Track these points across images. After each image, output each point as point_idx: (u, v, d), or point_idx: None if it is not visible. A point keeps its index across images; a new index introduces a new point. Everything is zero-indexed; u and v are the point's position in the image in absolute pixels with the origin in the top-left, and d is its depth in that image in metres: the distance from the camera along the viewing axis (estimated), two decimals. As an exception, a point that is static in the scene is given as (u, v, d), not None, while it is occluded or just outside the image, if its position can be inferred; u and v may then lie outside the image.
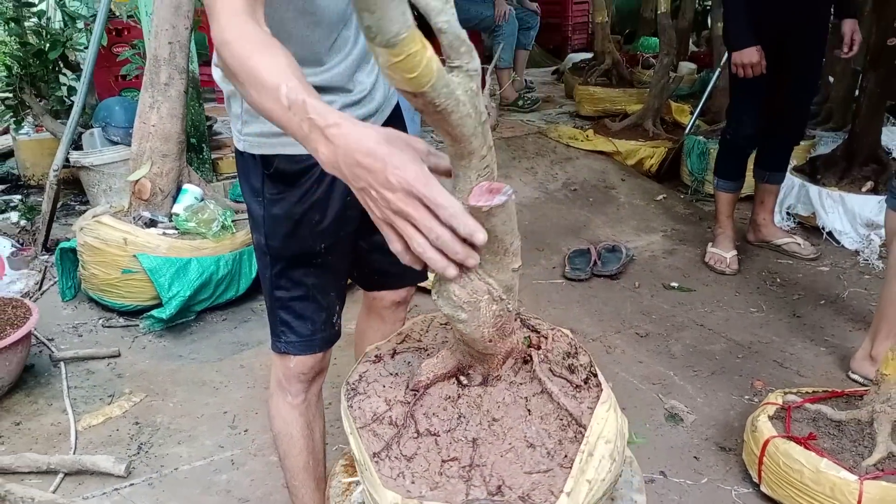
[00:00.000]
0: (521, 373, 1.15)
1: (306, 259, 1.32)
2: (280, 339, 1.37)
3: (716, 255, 3.08)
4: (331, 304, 1.37)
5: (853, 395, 1.86)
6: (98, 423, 2.12)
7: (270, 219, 1.29)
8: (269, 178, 1.27)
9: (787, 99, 2.90)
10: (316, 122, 0.82)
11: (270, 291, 1.36)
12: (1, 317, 2.22)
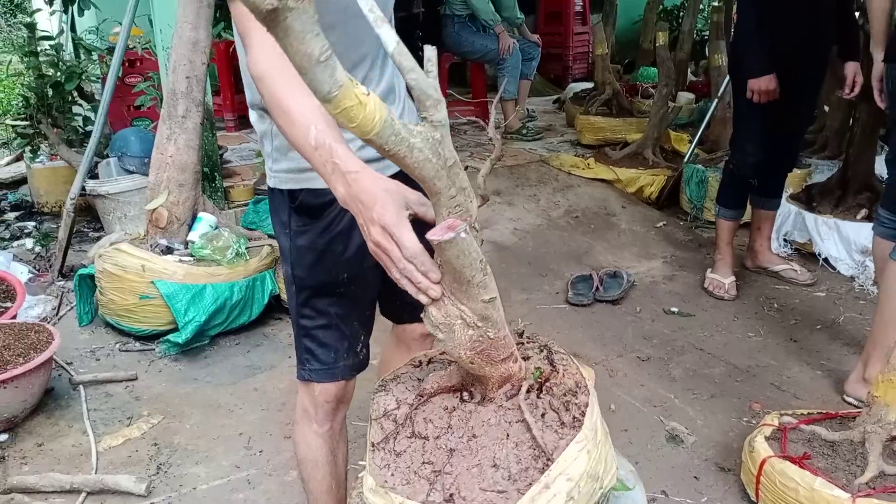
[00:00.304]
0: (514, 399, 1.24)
1: (330, 289, 1.38)
2: (304, 366, 1.44)
3: (715, 281, 3.17)
4: (354, 332, 1.44)
5: (846, 416, 1.93)
6: (118, 444, 2.19)
7: (296, 250, 1.37)
8: (295, 211, 1.36)
9: (784, 129, 3.00)
10: (339, 166, 1.02)
11: (297, 320, 1.43)
12: (24, 341, 2.30)
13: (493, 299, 1.05)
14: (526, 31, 5.41)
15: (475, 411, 1.21)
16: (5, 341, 2.28)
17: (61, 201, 4.35)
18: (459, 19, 5.02)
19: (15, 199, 4.69)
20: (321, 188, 1.26)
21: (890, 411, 1.73)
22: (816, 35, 2.88)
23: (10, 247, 3.82)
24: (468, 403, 1.24)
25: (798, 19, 2.82)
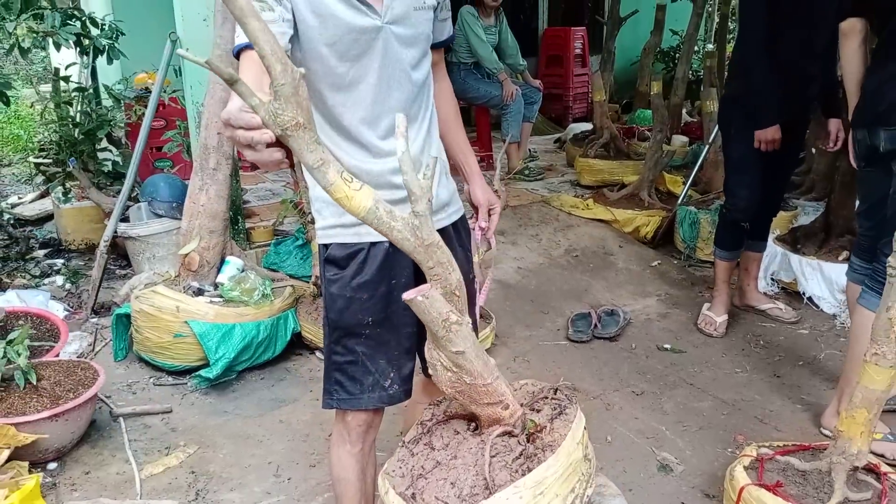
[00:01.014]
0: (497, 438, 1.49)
1: (357, 330, 1.60)
2: (332, 396, 1.65)
3: (708, 318, 3.40)
4: (380, 370, 1.63)
5: (818, 448, 2.15)
6: (159, 472, 2.41)
7: (329, 296, 1.61)
8: (326, 262, 1.62)
9: (771, 176, 3.24)
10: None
11: (329, 355, 1.65)
12: (72, 378, 2.53)
13: (459, 353, 1.32)
14: (528, 77, 5.70)
15: (466, 439, 1.50)
16: (56, 378, 2.50)
17: (88, 239, 4.61)
18: (465, 66, 5.31)
19: (43, 237, 4.94)
20: (348, 242, 1.59)
21: (852, 444, 1.94)
22: (804, 85, 3.10)
23: (41, 284, 4.05)
24: (468, 432, 1.52)
25: (793, 67, 3.04)
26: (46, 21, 3.52)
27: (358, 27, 1.45)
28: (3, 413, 2.31)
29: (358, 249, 1.59)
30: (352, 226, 1.57)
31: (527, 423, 1.46)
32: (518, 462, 1.40)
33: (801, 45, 2.99)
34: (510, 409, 1.45)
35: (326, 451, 2.48)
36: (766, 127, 3.03)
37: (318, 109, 1.53)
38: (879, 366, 1.90)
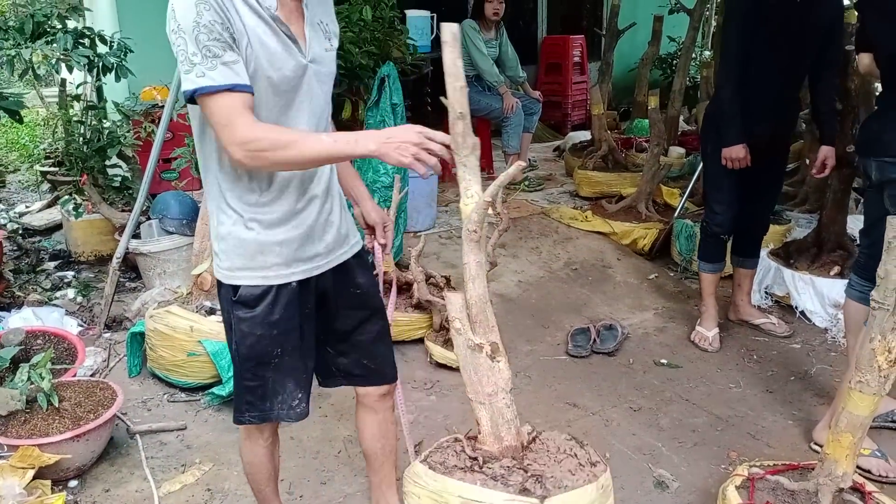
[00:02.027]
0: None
1: (266, 360, 1.75)
2: (244, 414, 1.82)
3: (700, 334, 3.51)
4: (287, 391, 1.80)
5: (806, 467, 2.25)
6: (176, 490, 2.51)
7: (239, 332, 1.73)
8: (236, 303, 1.72)
9: (755, 195, 3.39)
10: (359, 134, 1.52)
11: (239, 380, 1.79)
12: (92, 398, 2.63)
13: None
14: (528, 88, 5.80)
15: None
16: (76, 399, 2.60)
17: (97, 251, 4.70)
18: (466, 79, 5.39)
19: (52, 247, 5.03)
20: (255, 284, 1.72)
21: (838, 467, 2.05)
22: (782, 108, 3.23)
23: (53, 297, 4.14)
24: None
25: (768, 90, 3.16)
26: (59, 44, 3.61)
27: (291, 65, 1.60)
28: (27, 435, 2.41)
29: (266, 290, 1.72)
30: (259, 269, 1.71)
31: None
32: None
33: (779, 69, 3.11)
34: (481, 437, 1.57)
35: (337, 468, 2.60)
36: (731, 145, 3.16)
37: None
38: (863, 393, 2.00)
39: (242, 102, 1.49)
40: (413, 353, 3.43)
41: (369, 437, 2.09)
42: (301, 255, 1.75)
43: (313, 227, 1.77)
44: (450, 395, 3.10)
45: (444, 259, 4.33)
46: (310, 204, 1.75)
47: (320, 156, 1.52)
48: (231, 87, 1.47)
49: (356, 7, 4.05)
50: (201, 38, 1.44)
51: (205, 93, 1.47)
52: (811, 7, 3.05)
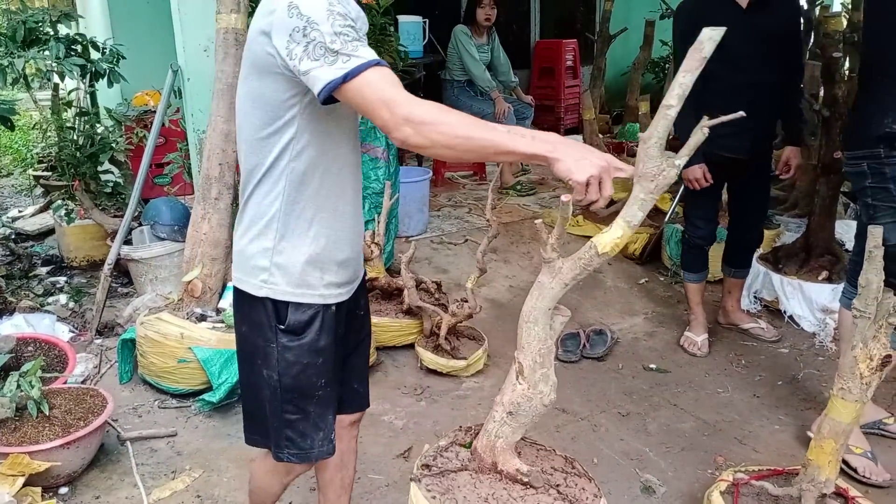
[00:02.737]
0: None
1: (311, 392, 1.65)
2: (283, 450, 1.69)
3: (689, 339, 3.53)
4: (328, 425, 1.71)
5: (791, 473, 2.28)
6: (166, 497, 2.52)
7: (284, 362, 1.61)
8: (283, 331, 1.60)
9: (745, 211, 3.44)
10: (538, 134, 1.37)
11: (280, 414, 1.65)
12: (83, 406, 2.64)
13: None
14: (520, 93, 5.83)
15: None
16: (67, 406, 2.61)
17: (90, 256, 4.71)
18: (458, 84, 5.43)
19: (44, 252, 5.04)
20: (307, 303, 1.61)
21: (821, 472, 2.07)
22: (759, 116, 3.07)
23: (45, 303, 4.15)
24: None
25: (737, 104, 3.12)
26: (51, 51, 3.62)
27: None
28: (17, 442, 2.42)
29: (315, 314, 1.62)
30: (317, 288, 1.61)
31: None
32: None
33: (744, 82, 3.04)
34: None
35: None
36: (688, 167, 3.16)
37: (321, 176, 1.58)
38: (845, 400, 2.03)
39: (391, 78, 1.36)
40: (403, 358, 3.44)
41: (331, 467, 1.97)
42: (351, 271, 1.70)
43: (359, 242, 1.73)
44: (440, 400, 3.11)
45: (436, 264, 4.34)
46: (357, 214, 1.70)
47: (499, 148, 1.35)
48: (377, 61, 1.36)
49: (347, 13, 4.06)
50: (337, 24, 1.35)
51: (355, 75, 1.33)
52: (760, 15, 3.03)
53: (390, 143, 3.83)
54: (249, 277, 1.61)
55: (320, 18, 1.35)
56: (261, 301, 1.60)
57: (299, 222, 1.57)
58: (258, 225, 1.58)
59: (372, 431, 2.88)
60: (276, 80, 1.46)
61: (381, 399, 3.11)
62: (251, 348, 1.65)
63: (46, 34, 3.83)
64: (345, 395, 1.85)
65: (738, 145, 3.18)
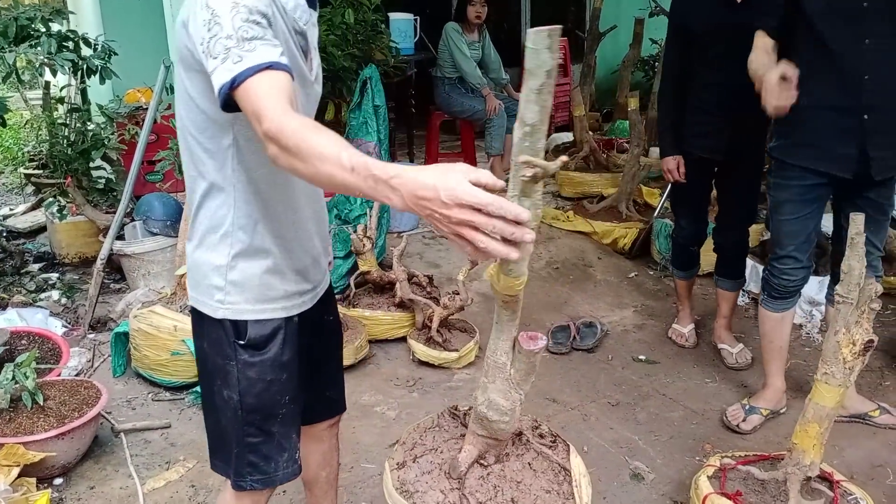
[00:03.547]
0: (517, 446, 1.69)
1: (275, 411, 1.55)
2: (245, 478, 1.57)
3: (676, 331, 3.58)
4: (292, 445, 1.61)
5: (776, 458, 2.32)
6: (160, 487, 2.54)
7: (245, 380, 1.50)
8: (243, 347, 1.49)
9: (726, 212, 3.33)
10: (380, 176, 1.05)
11: (241, 438, 1.54)
12: (77, 397, 2.66)
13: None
14: (510, 90, 5.87)
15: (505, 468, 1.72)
16: (61, 398, 2.63)
17: (82, 253, 4.71)
18: (449, 81, 5.46)
19: (36, 250, 5.04)
20: (268, 318, 1.50)
21: (805, 456, 2.11)
22: (740, 115, 2.96)
23: (37, 299, 4.15)
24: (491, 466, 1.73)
25: (717, 101, 3.03)
26: (42, 47, 3.64)
27: (303, 85, 1.45)
28: (12, 433, 2.44)
29: (277, 327, 1.52)
30: (275, 300, 1.51)
31: None
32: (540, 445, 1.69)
33: (727, 78, 2.92)
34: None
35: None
36: (665, 157, 3.23)
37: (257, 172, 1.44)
38: (829, 384, 2.07)
39: (281, 82, 1.20)
40: (396, 351, 3.47)
41: (314, 466, 1.91)
42: (311, 279, 1.60)
43: (325, 248, 1.64)
44: (432, 392, 3.14)
45: (427, 259, 4.37)
46: (317, 218, 1.60)
47: (335, 184, 1.14)
48: (269, 64, 1.20)
49: (339, 10, 4.09)
50: (239, 18, 1.21)
51: (243, 80, 1.18)
52: (752, 7, 2.82)
53: (382, 138, 3.87)
54: (206, 298, 1.50)
55: (223, 11, 1.22)
56: (219, 321, 1.49)
57: (252, 234, 1.47)
58: (209, 240, 1.47)
59: (365, 422, 2.91)
60: (201, 78, 1.32)
61: (373, 390, 3.14)
62: (211, 367, 1.54)
63: (38, 31, 3.85)
64: (318, 405, 1.80)
65: (713, 145, 3.10)
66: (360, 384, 3.20)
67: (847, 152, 2.47)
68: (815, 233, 2.74)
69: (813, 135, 2.53)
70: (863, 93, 2.41)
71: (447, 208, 0.99)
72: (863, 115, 2.42)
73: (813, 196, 2.62)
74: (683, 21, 3.10)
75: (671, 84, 3.22)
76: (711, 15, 2.99)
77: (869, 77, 2.39)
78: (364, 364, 3.35)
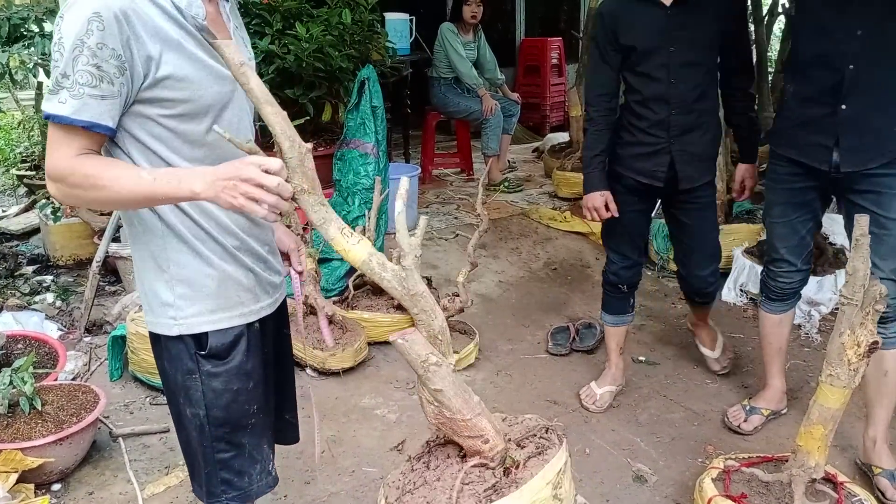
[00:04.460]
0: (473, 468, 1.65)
1: (244, 422, 1.53)
2: (220, 498, 1.54)
3: (588, 390, 3.06)
4: (264, 455, 1.60)
5: (780, 459, 2.32)
6: (160, 492, 2.52)
7: (211, 392, 1.47)
8: (205, 358, 1.46)
9: (685, 251, 2.94)
10: (184, 173, 1.28)
11: (211, 456, 1.52)
12: (75, 402, 2.63)
13: (438, 391, 1.49)
14: (506, 90, 5.86)
15: (452, 465, 1.67)
16: (59, 403, 2.60)
17: (76, 255, 4.68)
18: (445, 81, 5.45)
19: (30, 252, 5.00)
20: (229, 327, 1.49)
21: (810, 458, 2.11)
22: (681, 135, 2.65)
23: (32, 302, 4.12)
24: (458, 457, 1.68)
25: (654, 120, 2.65)
26: (36, 48, 3.60)
27: (219, 80, 1.40)
28: (10, 439, 2.41)
29: (240, 334, 1.50)
30: (231, 307, 1.49)
31: (506, 457, 1.60)
32: (487, 493, 1.55)
33: (665, 94, 2.60)
34: (490, 444, 1.59)
35: (321, 468, 2.62)
36: (590, 192, 2.73)
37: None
38: (834, 386, 2.06)
39: (88, 145, 1.29)
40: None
41: None
42: (266, 285, 1.57)
43: (272, 250, 1.61)
44: (432, 394, 3.13)
45: (425, 260, 4.36)
46: (264, 225, 1.56)
47: (138, 197, 1.27)
48: (90, 125, 1.27)
49: (335, 10, 4.07)
50: (80, 62, 1.24)
51: (57, 122, 1.27)
52: (687, 14, 2.54)
53: (380, 138, 3.85)
54: (159, 318, 1.47)
55: (67, 45, 1.24)
56: (177, 338, 1.47)
57: (190, 244, 1.44)
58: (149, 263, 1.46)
59: (366, 425, 2.89)
60: None
61: (374, 393, 3.12)
62: (173, 386, 1.51)
63: (31, 31, 3.81)
64: (278, 425, 1.75)
65: (653, 169, 2.69)
66: (359, 387, 3.18)
67: (821, 142, 2.42)
68: (809, 237, 2.65)
69: (793, 122, 2.51)
70: (844, 82, 2.36)
71: (245, 182, 1.22)
72: (840, 104, 2.37)
73: (801, 200, 2.55)
74: (615, 37, 2.62)
75: (603, 108, 2.70)
76: (648, 25, 2.58)
77: (854, 67, 2.37)
78: (363, 366, 3.33)
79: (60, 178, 1.29)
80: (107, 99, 1.27)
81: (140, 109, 1.34)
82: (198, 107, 1.37)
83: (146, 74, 1.30)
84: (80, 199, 1.35)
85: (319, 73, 3.86)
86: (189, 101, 1.35)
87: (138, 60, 1.29)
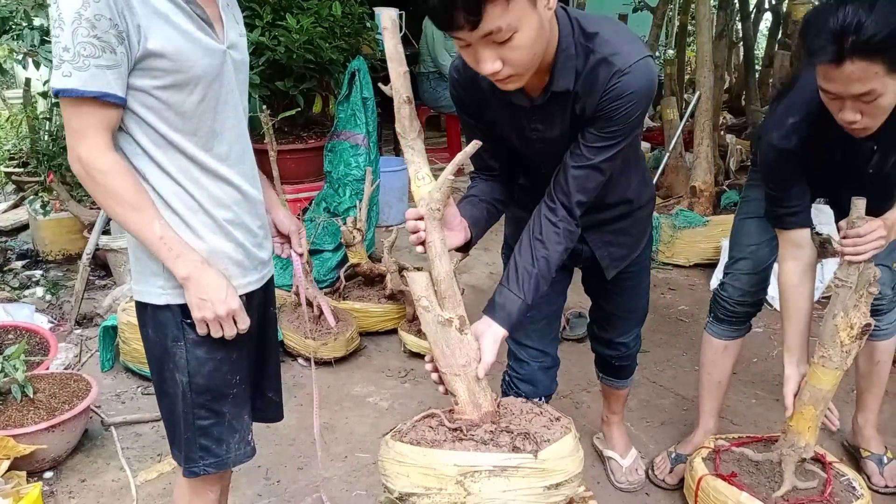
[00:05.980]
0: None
1: (225, 391, 1.57)
2: (197, 463, 1.57)
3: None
4: (244, 426, 1.63)
5: (769, 440, 2.34)
6: (153, 479, 2.52)
7: (195, 360, 1.52)
8: (191, 326, 1.49)
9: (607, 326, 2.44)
10: (186, 253, 1.41)
11: (192, 422, 1.55)
12: (67, 390, 2.63)
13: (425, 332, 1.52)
14: (496, 85, 5.87)
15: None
16: (51, 391, 2.60)
17: (65, 250, 4.67)
18: (434, 76, 5.46)
19: (19, 248, 4.98)
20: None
21: (800, 438, 2.13)
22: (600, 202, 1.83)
23: (21, 296, 4.11)
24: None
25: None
26: (25, 40, 3.59)
27: (209, 52, 1.43)
28: (2, 426, 2.41)
29: None
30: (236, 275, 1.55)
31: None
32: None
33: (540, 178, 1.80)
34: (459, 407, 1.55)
35: (314, 454, 2.62)
36: None
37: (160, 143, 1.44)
38: (826, 367, 2.08)
39: (106, 120, 1.33)
40: (387, 343, 3.47)
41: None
42: (254, 261, 1.61)
43: (263, 226, 1.65)
44: (424, 382, 3.14)
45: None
46: (256, 201, 1.61)
47: (137, 236, 1.40)
48: (100, 95, 1.30)
49: (325, 2, 4.08)
50: (80, 33, 1.26)
51: (66, 96, 1.31)
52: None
53: (370, 129, 3.86)
54: (148, 287, 1.50)
55: (67, 18, 1.26)
56: (164, 307, 1.50)
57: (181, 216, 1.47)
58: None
59: (358, 413, 2.90)
60: None
61: (365, 382, 3.13)
62: (159, 353, 1.54)
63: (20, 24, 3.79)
64: (259, 404, 1.78)
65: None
66: (351, 376, 3.19)
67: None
68: (769, 268, 2.41)
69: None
70: None
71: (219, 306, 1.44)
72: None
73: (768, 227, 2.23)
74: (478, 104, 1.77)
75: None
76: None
77: None
78: (356, 356, 3.34)
79: (89, 167, 1.34)
80: (112, 69, 1.30)
81: (132, 81, 1.36)
82: (187, 77, 1.39)
83: (138, 43, 1.32)
84: (93, 192, 1.39)
85: (310, 65, 3.87)
86: (178, 72, 1.38)
87: (132, 30, 1.31)
